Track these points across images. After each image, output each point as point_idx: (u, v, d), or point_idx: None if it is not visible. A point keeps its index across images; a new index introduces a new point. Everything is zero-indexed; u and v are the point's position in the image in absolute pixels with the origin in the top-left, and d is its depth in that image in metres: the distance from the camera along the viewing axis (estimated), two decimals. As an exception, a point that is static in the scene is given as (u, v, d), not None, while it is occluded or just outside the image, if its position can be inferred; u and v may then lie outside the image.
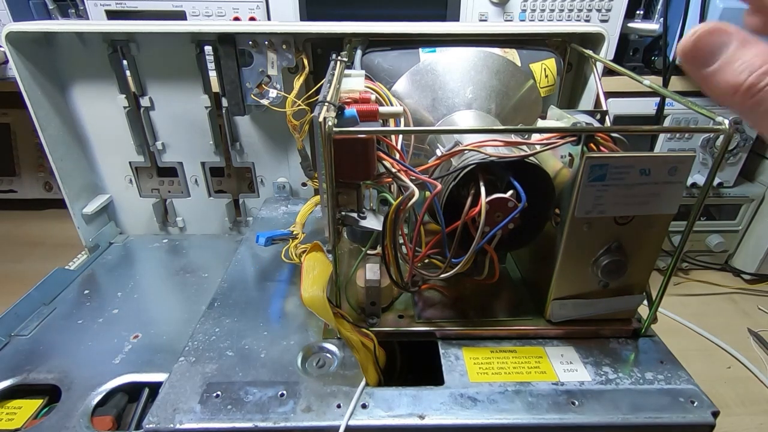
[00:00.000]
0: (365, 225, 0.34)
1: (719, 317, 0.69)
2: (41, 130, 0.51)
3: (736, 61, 0.21)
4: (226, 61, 0.49)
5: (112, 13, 0.66)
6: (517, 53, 0.46)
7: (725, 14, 0.58)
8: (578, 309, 0.39)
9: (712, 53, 0.21)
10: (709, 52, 0.21)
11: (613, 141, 0.34)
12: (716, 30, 0.21)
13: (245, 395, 0.34)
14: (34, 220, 0.89)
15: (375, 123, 0.33)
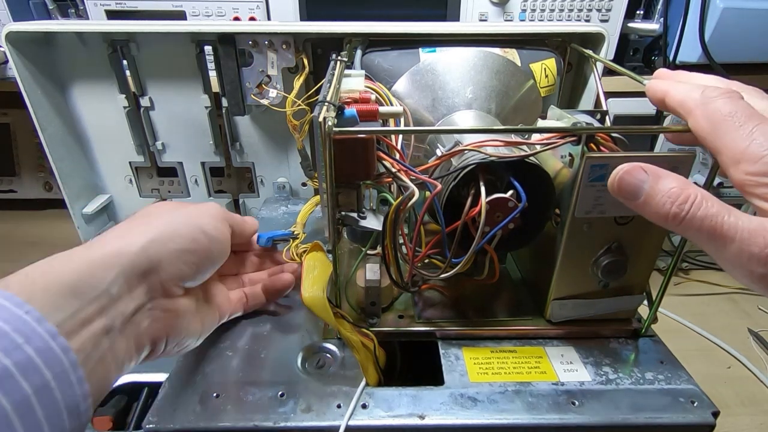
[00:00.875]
0: (365, 225, 0.34)
1: (719, 317, 0.69)
2: (41, 130, 0.51)
3: (657, 194, 0.25)
4: (226, 61, 0.49)
5: (112, 13, 0.66)
6: (517, 53, 0.46)
7: (725, 14, 0.58)
8: (578, 309, 0.39)
9: (635, 189, 0.26)
10: (633, 189, 0.26)
11: (613, 141, 0.34)
12: (633, 170, 0.27)
13: (245, 395, 0.34)
14: (34, 220, 0.89)
15: (375, 123, 0.33)
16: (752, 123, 0.24)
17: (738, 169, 0.24)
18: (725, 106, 0.25)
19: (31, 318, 0.22)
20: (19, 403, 0.20)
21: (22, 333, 0.21)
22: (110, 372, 0.25)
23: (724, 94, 0.26)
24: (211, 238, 0.31)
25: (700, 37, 0.59)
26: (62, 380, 0.22)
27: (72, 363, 0.22)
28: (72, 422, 0.22)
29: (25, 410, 0.20)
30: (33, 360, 0.21)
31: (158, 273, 0.27)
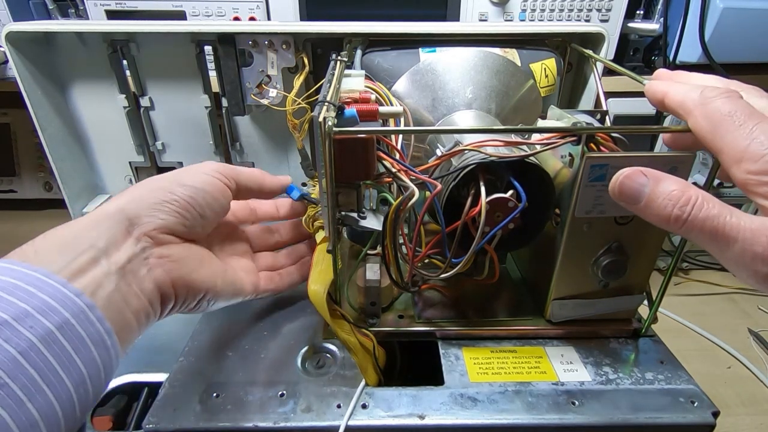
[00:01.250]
0: (365, 225, 0.34)
1: (719, 317, 0.69)
2: (41, 130, 0.51)
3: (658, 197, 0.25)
4: (226, 61, 0.49)
5: (112, 13, 0.66)
6: (517, 53, 0.46)
7: (725, 14, 0.58)
8: (578, 309, 0.39)
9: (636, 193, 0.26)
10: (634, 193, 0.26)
11: (613, 141, 0.34)
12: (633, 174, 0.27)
13: (245, 395, 0.34)
14: (34, 220, 0.89)
15: (375, 123, 0.33)
16: (752, 122, 0.24)
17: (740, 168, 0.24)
18: (724, 105, 0.25)
19: (41, 274, 0.24)
20: (44, 336, 0.22)
21: (35, 285, 0.23)
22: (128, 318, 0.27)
23: (723, 94, 0.26)
24: (193, 188, 0.32)
25: (700, 37, 0.59)
26: (82, 319, 0.24)
27: (88, 305, 0.24)
28: (102, 354, 0.24)
29: (51, 341, 0.22)
30: (49, 303, 0.23)
31: (140, 225, 0.29)
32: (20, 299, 0.22)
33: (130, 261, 0.28)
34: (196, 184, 0.32)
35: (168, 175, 0.33)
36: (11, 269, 0.23)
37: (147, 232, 0.29)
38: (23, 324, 0.22)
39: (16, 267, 0.24)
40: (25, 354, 0.21)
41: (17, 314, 0.22)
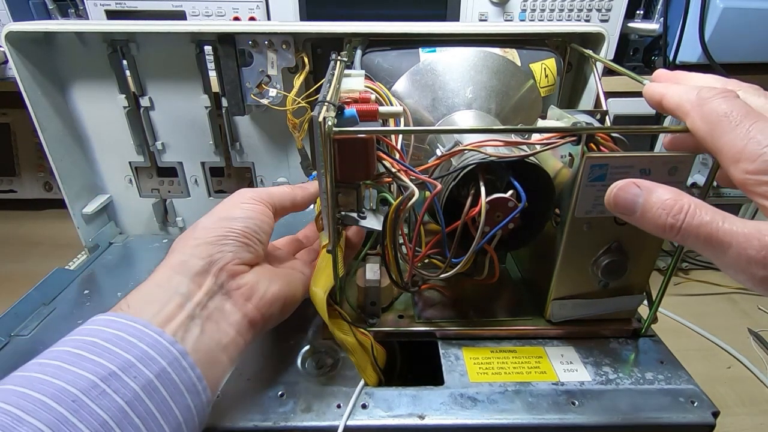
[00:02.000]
0: (365, 225, 0.34)
1: (719, 317, 0.69)
2: (41, 130, 0.51)
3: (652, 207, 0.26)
4: (226, 61, 0.49)
5: (112, 13, 0.66)
6: (517, 53, 0.46)
7: (725, 14, 0.58)
8: (578, 309, 0.39)
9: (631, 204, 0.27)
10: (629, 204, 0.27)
11: (613, 141, 0.34)
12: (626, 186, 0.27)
13: (245, 395, 0.34)
14: (34, 220, 0.89)
15: (375, 123, 0.33)
16: (749, 121, 0.24)
17: (738, 168, 0.24)
18: (721, 105, 0.25)
19: (140, 324, 0.26)
20: (145, 385, 0.24)
21: (135, 336, 0.25)
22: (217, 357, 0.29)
23: (719, 94, 0.26)
24: (244, 219, 0.34)
25: (700, 37, 0.59)
26: (176, 366, 0.26)
27: (181, 352, 0.26)
28: (194, 400, 0.26)
29: (152, 390, 0.24)
30: (148, 353, 0.25)
31: (215, 263, 0.31)
32: (124, 350, 0.24)
33: (212, 298, 0.30)
34: (244, 214, 0.34)
35: (208, 217, 0.34)
36: (114, 321, 0.26)
37: (223, 266, 0.31)
38: (128, 374, 0.24)
39: (118, 319, 0.26)
40: (131, 404, 0.23)
41: (122, 365, 0.24)
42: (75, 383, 0.22)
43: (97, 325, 0.26)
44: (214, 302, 0.30)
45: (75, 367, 0.23)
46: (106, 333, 0.25)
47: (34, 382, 0.22)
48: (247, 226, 0.33)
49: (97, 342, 0.25)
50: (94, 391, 0.23)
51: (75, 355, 0.24)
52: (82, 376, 0.23)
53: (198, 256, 0.31)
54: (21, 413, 0.21)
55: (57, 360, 0.24)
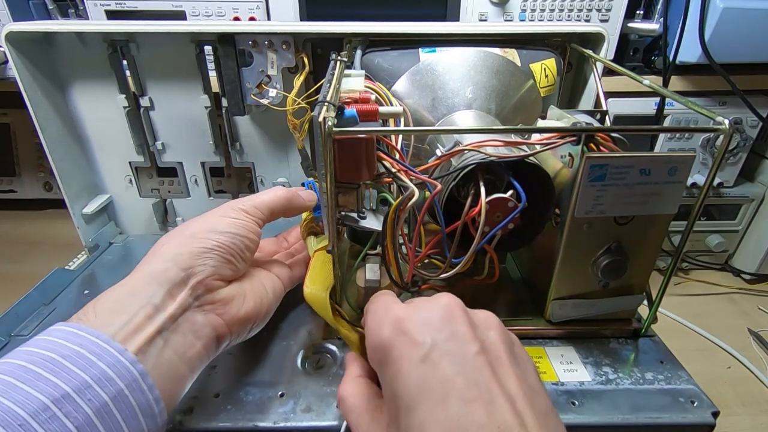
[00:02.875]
0: (365, 225, 0.34)
1: (719, 317, 0.69)
2: (41, 130, 0.51)
3: None
4: (226, 61, 0.49)
5: (112, 13, 0.66)
6: (517, 53, 0.46)
7: (725, 14, 0.58)
8: (578, 309, 0.39)
9: None
10: None
11: (613, 141, 0.34)
12: None
13: (245, 395, 0.34)
14: (34, 220, 0.89)
15: (375, 123, 0.33)
16: None
17: None
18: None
19: (101, 341, 0.25)
20: (99, 408, 0.23)
21: (95, 353, 0.24)
22: (179, 370, 0.28)
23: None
24: (228, 234, 0.33)
25: (700, 37, 0.59)
26: (134, 388, 0.25)
27: (141, 372, 0.25)
28: (149, 423, 0.25)
29: (105, 414, 0.23)
30: (107, 373, 0.24)
31: (195, 275, 0.30)
32: (82, 368, 0.24)
33: (185, 311, 0.29)
34: (229, 228, 0.33)
35: (197, 223, 0.34)
36: (75, 334, 0.25)
37: (201, 280, 0.31)
38: (83, 396, 0.23)
39: (81, 333, 0.25)
40: (81, 429, 0.22)
41: (78, 386, 0.23)
42: (24, 405, 0.22)
43: (57, 338, 0.25)
44: (185, 315, 0.29)
45: (27, 385, 0.22)
46: (66, 348, 0.24)
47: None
48: (233, 242, 0.33)
49: (55, 359, 0.24)
50: (43, 415, 0.22)
51: (29, 371, 0.23)
52: (33, 398, 0.22)
53: (179, 266, 0.30)
54: None
55: (9, 376, 0.23)
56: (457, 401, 0.22)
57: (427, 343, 0.24)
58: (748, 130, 0.69)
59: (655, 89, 0.38)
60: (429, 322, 0.25)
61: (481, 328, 0.26)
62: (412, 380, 0.23)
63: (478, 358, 0.24)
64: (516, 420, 0.22)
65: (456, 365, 0.23)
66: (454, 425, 0.21)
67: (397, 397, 0.24)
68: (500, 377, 0.24)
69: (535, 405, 0.23)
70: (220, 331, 0.31)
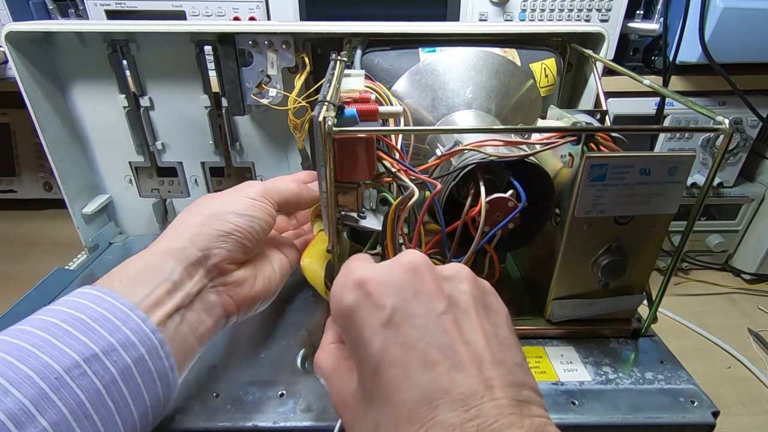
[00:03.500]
0: (365, 225, 0.34)
1: (719, 317, 0.69)
2: (41, 130, 0.51)
3: None
4: (226, 61, 0.49)
5: (112, 13, 0.66)
6: (517, 53, 0.46)
7: (725, 14, 0.58)
8: (578, 309, 0.39)
9: None
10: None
11: (613, 141, 0.34)
12: None
13: (245, 395, 0.34)
14: (34, 220, 0.89)
15: (375, 123, 0.33)
16: None
17: None
18: None
19: (126, 307, 0.27)
20: (123, 370, 0.25)
21: (120, 318, 0.26)
22: (191, 344, 0.30)
23: None
24: (246, 217, 0.34)
25: (700, 37, 0.59)
26: (153, 354, 0.27)
27: (159, 341, 0.27)
28: (164, 389, 0.27)
29: (128, 376, 0.25)
30: (131, 338, 0.26)
31: (210, 258, 0.31)
32: (108, 332, 0.25)
33: (200, 291, 0.31)
34: (248, 211, 0.34)
35: (217, 202, 0.34)
36: (103, 299, 0.27)
37: (216, 263, 0.32)
38: (109, 358, 0.25)
39: (107, 298, 0.27)
40: (107, 387, 0.24)
41: (105, 347, 0.25)
42: (59, 360, 0.23)
43: (86, 300, 0.26)
44: (200, 294, 0.31)
45: (61, 342, 0.24)
46: (94, 311, 0.26)
47: (21, 352, 0.23)
48: (251, 226, 0.34)
49: (85, 320, 0.25)
50: (76, 371, 0.24)
51: (62, 329, 0.24)
52: (67, 354, 0.24)
53: (197, 246, 0.31)
54: (7, 384, 0.22)
55: (44, 332, 0.24)
56: (419, 367, 0.21)
57: (389, 306, 0.23)
58: (748, 130, 0.69)
59: (655, 89, 0.38)
60: (392, 283, 0.24)
61: (451, 282, 0.25)
62: (374, 346, 0.23)
63: (444, 318, 0.23)
64: (482, 383, 0.21)
65: (419, 329, 0.22)
66: (417, 394, 0.21)
67: (362, 362, 0.23)
68: (466, 335, 0.23)
69: (504, 362, 0.22)
70: (230, 310, 0.33)
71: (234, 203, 0.34)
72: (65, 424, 0.23)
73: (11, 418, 0.21)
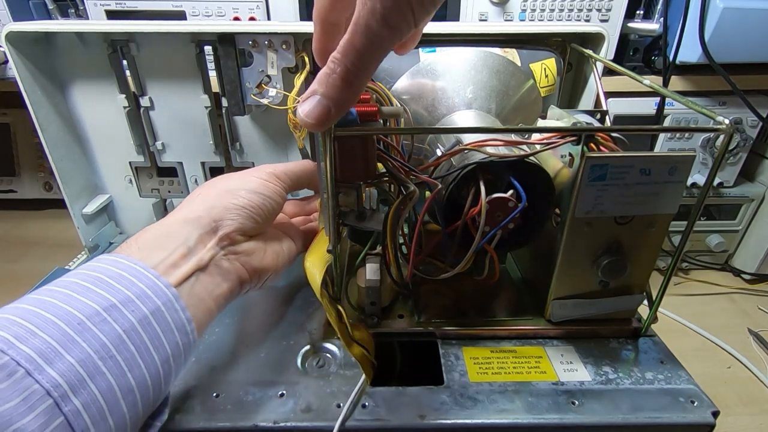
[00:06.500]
0: (365, 225, 0.34)
1: (719, 317, 0.69)
2: (41, 130, 0.51)
3: None
4: (226, 61, 0.49)
5: (112, 13, 0.66)
6: (517, 53, 0.46)
7: (725, 14, 0.58)
8: (578, 309, 0.39)
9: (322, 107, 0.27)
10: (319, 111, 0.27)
11: (613, 141, 0.34)
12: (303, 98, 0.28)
13: (245, 395, 0.34)
14: (33, 220, 0.89)
15: (375, 123, 0.33)
16: None
17: None
18: None
19: (140, 267, 0.29)
20: (141, 319, 0.27)
21: (135, 276, 0.28)
22: (208, 304, 0.32)
23: None
24: (258, 194, 0.36)
25: (700, 37, 0.59)
26: (169, 307, 0.28)
27: (174, 295, 0.29)
28: (183, 338, 0.29)
29: (146, 324, 0.27)
30: (146, 291, 0.28)
31: (223, 228, 0.34)
32: (125, 286, 0.27)
33: (213, 258, 0.33)
34: (261, 189, 0.36)
35: (233, 180, 0.37)
36: (118, 261, 0.29)
37: (228, 233, 0.34)
38: (127, 308, 0.27)
39: (122, 260, 0.29)
40: (128, 333, 0.26)
41: (123, 299, 0.27)
42: (81, 309, 0.25)
43: (103, 263, 0.29)
44: (214, 260, 0.33)
45: (81, 296, 0.26)
46: (110, 271, 0.28)
47: (45, 305, 0.25)
48: (263, 203, 0.36)
49: (102, 278, 0.27)
50: (96, 318, 0.25)
51: (82, 286, 0.27)
52: (87, 305, 0.26)
53: (211, 216, 0.33)
54: (34, 328, 0.24)
55: (66, 288, 0.26)
56: None
57: None
58: (748, 130, 0.69)
59: (655, 89, 0.38)
60: None
61: None
62: None
63: None
64: None
65: None
66: None
67: None
68: None
69: None
70: (243, 277, 0.35)
71: (248, 182, 0.36)
72: (90, 361, 0.24)
73: (40, 354, 0.23)
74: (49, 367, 0.23)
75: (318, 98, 0.26)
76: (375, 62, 0.26)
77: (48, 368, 0.23)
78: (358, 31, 0.24)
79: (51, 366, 0.23)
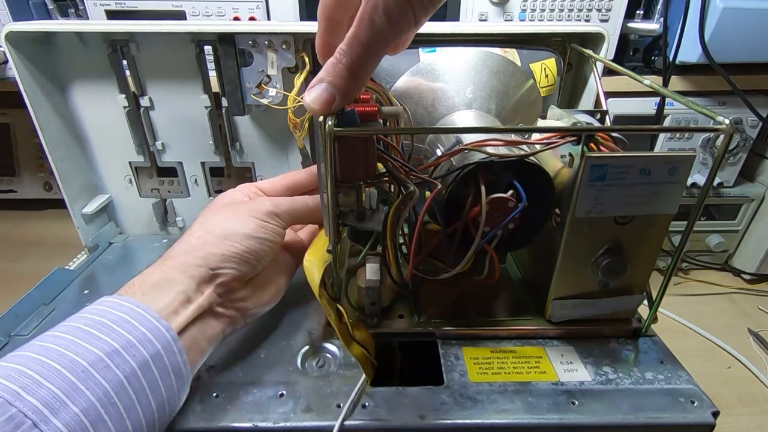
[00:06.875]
0: (365, 225, 0.34)
1: (719, 317, 0.69)
2: (41, 130, 0.51)
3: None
4: (226, 61, 0.49)
5: (112, 13, 0.66)
6: (517, 53, 0.46)
7: (725, 14, 0.58)
8: (578, 309, 0.39)
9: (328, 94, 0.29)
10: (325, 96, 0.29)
11: (613, 141, 0.34)
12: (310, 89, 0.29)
13: (245, 395, 0.34)
14: (33, 220, 0.89)
15: (375, 123, 0.33)
16: None
17: None
18: None
19: (142, 310, 0.30)
20: (141, 364, 0.28)
21: (137, 319, 0.29)
22: (202, 345, 0.33)
23: None
24: (256, 240, 0.36)
25: (700, 37, 0.59)
26: (168, 350, 0.29)
27: (173, 338, 0.30)
28: (178, 382, 0.30)
29: (146, 370, 0.28)
30: (147, 335, 0.29)
31: (220, 276, 0.34)
32: (127, 331, 0.28)
33: (211, 304, 0.34)
34: (257, 233, 0.36)
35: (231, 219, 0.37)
36: (120, 304, 0.30)
37: (225, 282, 0.34)
38: (129, 353, 0.28)
39: (123, 302, 0.30)
40: (128, 379, 0.27)
41: (125, 344, 0.28)
42: (84, 356, 0.26)
43: (106, 306, 0.30)
44: (210, 306, 0.34)
45: (84, 342, 0.27)
46: (112, 314, 0.29)
47: (51, 352, 0.26)
48: (261, 247, 0.36)
49: (105, 322, 0.28)
50: (100, 364, 0.26)
51: (85, 331, 0.27)
52: (91, 351, 0.27)
53: (209, 265, 0.34)
54: (40, 378, 0.25)
55: (69, 334, 0.27)
56: None
57: None
58: (748, 130, 0.69)
59: (655, 89, 0.38)
60: None
61: None
62: None
63: None
64: None
65: None
66: None
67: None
68: None
69: None
70: (236, 319, 0.36)
71: (246, 224, 0.36)
72: (94, 410, 0.25)
73: (46, 405, 0.24)
74: (54, 417, 0.24)
75: (324, 85, 0.28)
76: (378, 55, 0.28)
77: (54, 419, 0.24)
78: (363, 25, 0.26)
79: (56, 417, 0.24)
